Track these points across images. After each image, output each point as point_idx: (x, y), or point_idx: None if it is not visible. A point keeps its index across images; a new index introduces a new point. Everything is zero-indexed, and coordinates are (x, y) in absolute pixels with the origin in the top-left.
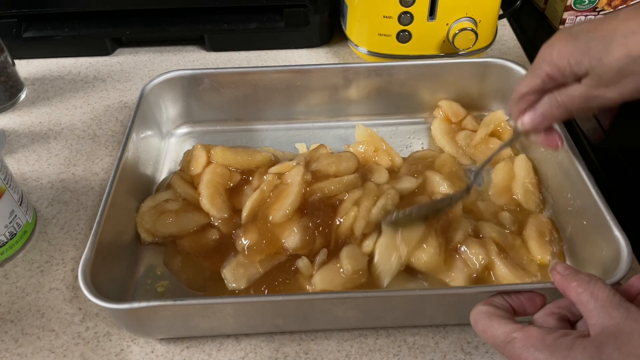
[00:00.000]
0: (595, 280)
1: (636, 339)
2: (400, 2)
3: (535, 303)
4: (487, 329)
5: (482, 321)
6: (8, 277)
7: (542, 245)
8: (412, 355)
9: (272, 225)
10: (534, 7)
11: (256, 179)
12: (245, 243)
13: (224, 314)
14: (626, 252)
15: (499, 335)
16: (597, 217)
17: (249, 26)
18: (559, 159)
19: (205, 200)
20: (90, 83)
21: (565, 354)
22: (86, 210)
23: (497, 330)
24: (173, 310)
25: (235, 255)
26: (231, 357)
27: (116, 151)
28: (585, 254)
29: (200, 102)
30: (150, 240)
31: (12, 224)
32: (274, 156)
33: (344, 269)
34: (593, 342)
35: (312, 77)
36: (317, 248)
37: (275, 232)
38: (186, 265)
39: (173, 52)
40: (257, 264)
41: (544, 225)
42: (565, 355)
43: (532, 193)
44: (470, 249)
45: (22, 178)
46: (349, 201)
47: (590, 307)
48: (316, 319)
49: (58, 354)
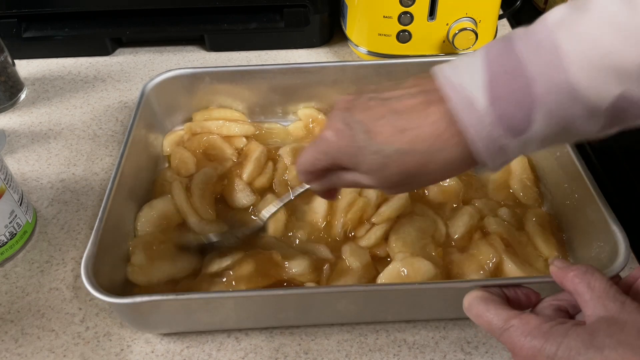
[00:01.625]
0: (592, 271)
1: (629, 328)
2: (400, 2)
3: (530, 299)
4: (483, 314)
5: (478, 306)
6: (8, 277)
7: (548, 241)
8: (412, 355)
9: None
10: (534, 7)
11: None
12: (232, 275)
13: (226, 308)
14: (624, 246)
15: (496, 322)
16: (595, 211)
17: (249, 26)
18: (557, 155)
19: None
20: (90, 83)
21: (560, 341)
22: (86, 210)
23: (494, 316)
24: (175, 304)
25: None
26: (231, 357)
27: (116, 151)
28: (583, 249)
29: (201, 101)
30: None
31: (12, 224)
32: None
33: (353, 266)
34: (586, 329)
35: (312, 76)
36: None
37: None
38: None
39: (173, 52)
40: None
41: (544, 219)
42: (559, 342)
43: (530, 188)
44: (480, 250)
45: (22, 178)
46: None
47: (586, 297)
48: (317, 313)
49: (58, 354)
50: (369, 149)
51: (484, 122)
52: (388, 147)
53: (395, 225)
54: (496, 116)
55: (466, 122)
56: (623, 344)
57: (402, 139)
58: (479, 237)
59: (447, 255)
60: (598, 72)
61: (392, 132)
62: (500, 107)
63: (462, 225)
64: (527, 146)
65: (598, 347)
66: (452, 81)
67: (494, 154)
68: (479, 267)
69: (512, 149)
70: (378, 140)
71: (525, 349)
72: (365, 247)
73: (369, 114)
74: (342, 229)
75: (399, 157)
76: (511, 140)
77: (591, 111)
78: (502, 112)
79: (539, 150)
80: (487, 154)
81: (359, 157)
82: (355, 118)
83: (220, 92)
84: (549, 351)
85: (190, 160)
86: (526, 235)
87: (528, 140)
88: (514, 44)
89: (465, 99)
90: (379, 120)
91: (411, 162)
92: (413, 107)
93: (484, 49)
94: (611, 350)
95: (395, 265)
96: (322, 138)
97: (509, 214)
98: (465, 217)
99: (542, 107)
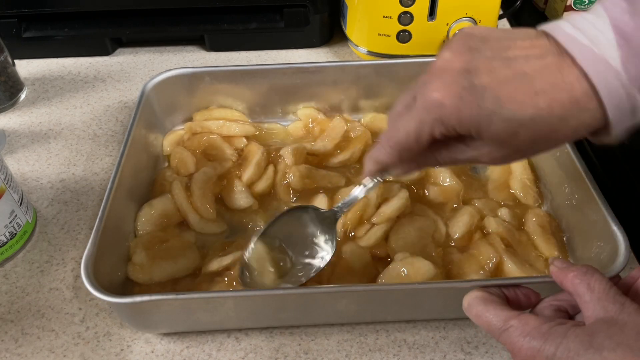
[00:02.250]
0: (592, 272)
1: (628, 330)
2: (400, 2)
3: (530, 299)
4: (482, 315)
5: (477, 306)
6: (8, 277)
7: (548, 241)
8: (412, 355)
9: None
10: (534, 7)
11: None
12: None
13: (226, 307)
14: (624, 246)
15: (495, 322)
16: (595, 212)
17: (249, 26)
18: (557, 155)
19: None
20: (90, 83)
21: (559, 341)
22: (86, 210)
23: (493, 316)
24: (175, 303)
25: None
26: (231, 357)
27: (116, 151)
28: (582, 249)
29: (201, 101)
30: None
31: (12, 224)
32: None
33: (354, 266)
34: (586, 330)
35: (312, 75)
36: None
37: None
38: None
39: (173, 52)
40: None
41: (544, 219)
42: (558, 343)
43: (530, 188)
44: (480, 251)
45: (22, 178)
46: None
47: (586, 298)
48: (317, 313)
49: (58, 354)
50: (500, 116)
51: (622, 81)
52: (522, 114)
53: (395, 225)
54: (632, 75)
55: (603, 82)
56: (622, 345)
57: (538, 104)
58: (479, 237)
59: (447, 255)
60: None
61: (525, 97)
62: (635, 64)
63: (462, 226)
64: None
65: (597, 349)
66: (579, 41)
67: (625, 116)
68: (479, 267)
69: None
70: (510, 106)
71: (524, 349)
72: (366, 247)
73: (494, 76)
74: (342, 228)
75: (533, 124)
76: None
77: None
78: (637, 70)
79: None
80: (619, 115)
81: (485, 125)
82: (479, 81)
83: (221, 92)
84: (547, 352)
85: (190, 160)
86: (526, 236)
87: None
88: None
89: (599, 58)
90: (508, 83)
91: (545, 129)
92: (544, 68)
93: (600, 6)
94: (610, 351)
95: (396, 265)
96: (430, 103)
97: (509, 214)
98: (466, 217)
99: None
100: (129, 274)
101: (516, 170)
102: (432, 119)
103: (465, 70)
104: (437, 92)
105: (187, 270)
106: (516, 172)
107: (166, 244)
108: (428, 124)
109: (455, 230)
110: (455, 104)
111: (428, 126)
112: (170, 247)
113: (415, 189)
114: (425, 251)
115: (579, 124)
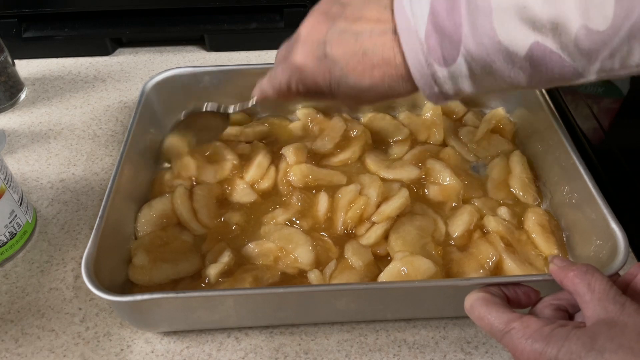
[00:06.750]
0: (593, 272)
1: (629, 331)
2: None
3: (530, 298)
4: (484, 317)
5: (479, 308)
6: (8, 277)
7: (548, 240)
8: (412, 355)
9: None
10: None
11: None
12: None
13: (226, 306)
14: (623, 245)
15: (497, 324)
16: (594, 210)
17: (249, 26)
18: (557, 154)
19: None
20: (90, 83)
21: (561, 344)
22: (86, 210)
23: (495, 318)
24: (175, 302)
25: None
26: (231, 357)
27: (116, 151)
28: (582, 248)
29: (201, 101)
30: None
31: (12, 224)
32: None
33: (355, 265)
34: (587, 332)
35: None
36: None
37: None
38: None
39: (173, 52)
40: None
41: (544, 218)
42: (560, 345)
43: (529, 187)
44: (480, 249)
45: (22, 178)
46: (353, 192)
47: (586, 298)
48: (317, 312)
49: (58, 354)
50: (346, 82)
51: (424, 49)
52: (361, 83)
53: (395, 224)
54: (430, 45)
55: (409, 50)
56: (624, 347)
57: (374, 76)
58: (478, 235)
59: (447, 254)
60: (515, 22)
61: (365, 69)
62: (435, 39)
63: (461, 224)
64: (457, 80)
65: (599, 351)
66: (408, 19)
67: (429, 82)
68: (478, 266)
69: (444, 79)
70: (353, 76)
71: (526, 352)
72: (366, 246)
73: (343, 49)
74: (343, 226)
75: (371, 90)
76: (440, 69)
77: (510, 57)
78: (434, 43)
79: (476, 92)
80: (424, 83)
81: (335, 87)
82: (331, 52)
83: (221, 91)
84: (550, 354)
85: (190, 162)
86: (526, 234)
87: (456, 73)
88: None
89: (414, 34)
90: (353, 57)
91: (380, 92)
92: (383, 45)
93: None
94: (612, 353)
95: (396, 264)
96: (294, 66)
97: (509, 213)
98: (465, 216)
99: (466, 45)
100: (130, 275)
101: (516, 169)
102: (296, 79)
103: (322, 41)
104: (299, 57)
105: (188, 272)
106: (516, 171)
107: (167, 246)
108: (293, 82)
109: (455, 229)
110: (312, 70)
111: (293, 83)
112: (171, 249)
113: (415, 188)
114: (425, 250)
115: (404, 90)
